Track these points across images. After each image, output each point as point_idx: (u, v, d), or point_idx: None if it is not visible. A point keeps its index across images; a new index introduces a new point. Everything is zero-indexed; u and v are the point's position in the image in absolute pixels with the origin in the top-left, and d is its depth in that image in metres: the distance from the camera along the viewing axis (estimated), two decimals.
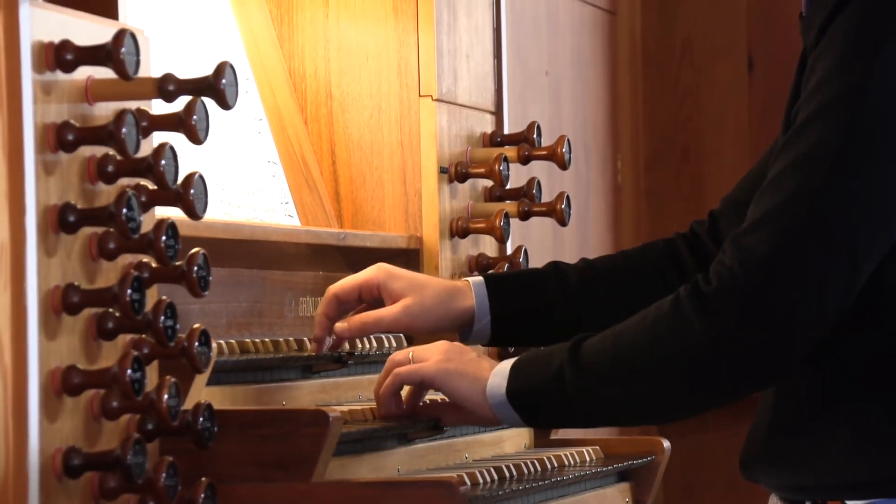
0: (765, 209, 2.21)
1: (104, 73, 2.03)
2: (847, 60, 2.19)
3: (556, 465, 2.55)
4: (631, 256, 2.63)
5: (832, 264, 2.18)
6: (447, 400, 2.41)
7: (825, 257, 2.18)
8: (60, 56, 1.99)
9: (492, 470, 2.33)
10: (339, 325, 2.47)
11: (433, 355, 2.36)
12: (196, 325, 2.08)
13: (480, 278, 2.53)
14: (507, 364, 2.33)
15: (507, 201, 2.98)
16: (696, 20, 3.95)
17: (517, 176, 3.00)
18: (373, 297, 2.49)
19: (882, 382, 2.25)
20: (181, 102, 2.07)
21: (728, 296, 2.19)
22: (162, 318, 2.04)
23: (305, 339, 2.50)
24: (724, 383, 2.24)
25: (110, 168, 2.04)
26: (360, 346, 2.57)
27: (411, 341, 2.70)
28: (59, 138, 1.99)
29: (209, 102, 2.07)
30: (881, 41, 2.18)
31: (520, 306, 2.52)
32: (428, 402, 2.46)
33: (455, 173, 2.91)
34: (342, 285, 2.49)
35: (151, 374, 2.07)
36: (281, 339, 2.45)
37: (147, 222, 2.05)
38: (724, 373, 2.22)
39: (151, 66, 2.10)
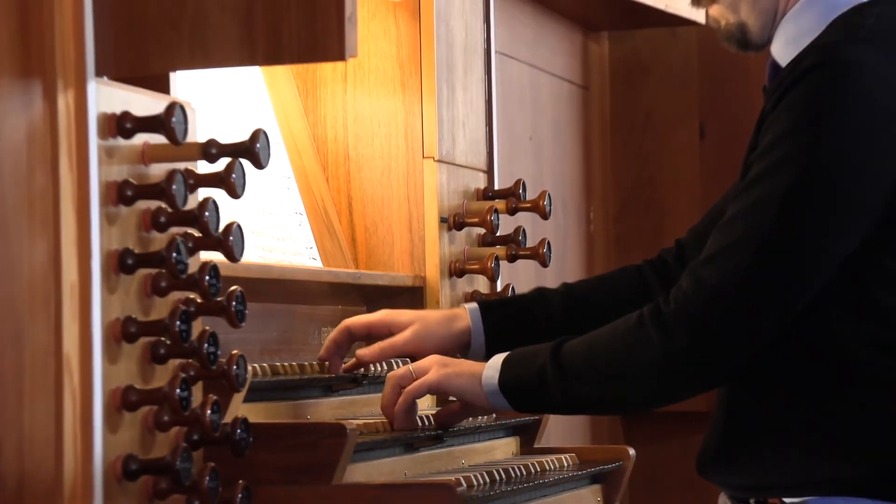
0: (717, 247, 2.22)
1: (157, 138, 2.04)
2: (795, 128, 2.20)
3: (538, 469, 2.54)
4: (605, 281, 2.64)
5: (767, 299, 2.19)
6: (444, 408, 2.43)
7: (762, 293, 2.19)
8: (121, 125, 2.00)
9: (484, 474, 2.33)
10: (361, 352, 2.48)
11: (431, 366, 2.37)
12: (234, 352, 2.08)
13: (475, 304, 2.54)
14: (500, 358, 2.34)
15: (497, 246, 2.98)
16: (656, 95, 3.96)
17: (505, 225, 3.01)
18: (380, 335, 2.49)
19: (814, 404, 2.25)
20: (222, 163, 2.07)
21: (681, 317, 2.20)
22: (206, 345, 2.04)
23: (327, 363, 2.50)
24: (674, 388, 2.26)
25: (162, 219, 2.05)
26: (372, 369, 2.57)
27: None
28: (120, 194, 1.99)
29: (246, 163, 2.08)
30: (824, 115, 2.19)
31: (509, 327, 2.52)
32: (431, 415, 2.47)
33: (453, 223, 2.92)
34: (355, 321, 2.49)
35: (197, 392, 2.07)
36: (306, 363, 2.45)
37: (193, 264, 2.05)
38: (675, 379, 2.24)
39: (197, 133, 2.11)
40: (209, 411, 2.04)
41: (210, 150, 2.06)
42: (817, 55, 2.22)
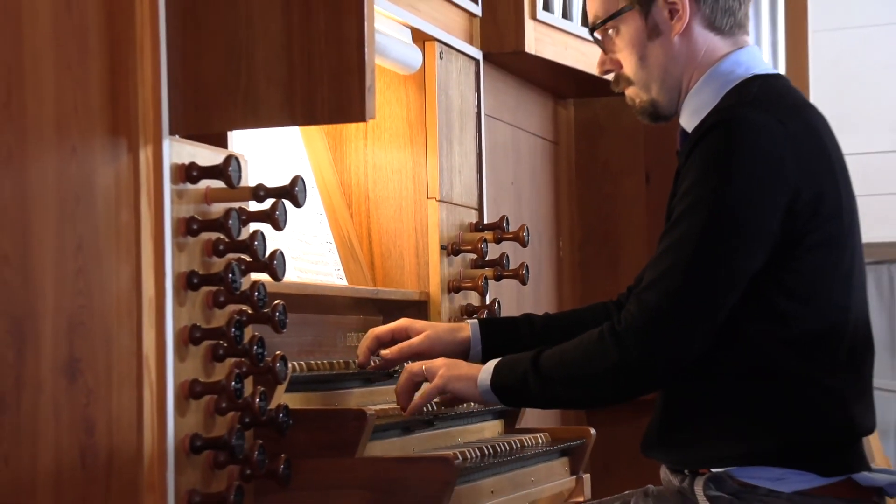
0: (653, 276, 2.22)
1: (217, 183, 2.05)
2: (704, 176, 2.20)
3: (519, 445, 2.53)
4: (577, 311, 2.64)
5: (695, 312, 2.19)
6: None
7: (690, 308, 2.19)
8: (189, 173, 2.01)
9: (476, 449, 2.32)
10: (385, 353, 2.48)
11: (439, 367, 2.37)
12: (277, 352, 2.08)
13: (476, 320, 2.54)
14: (492, 364, 2.33)
15: (486, 268, 2.98)
16: (611, 149, 3.96)
17: (492, 252, 3.01)
18: (402, 338, 2.50)
19: (733, 396, 2.25)
20: (268, 203, 2.08)
21: (630, 332, 2.20)
22: (255, 347, 2.05)
23: (351, 361, 2.49)
24: (628, 388, 2.25)
25: (221, 247, 2.05)
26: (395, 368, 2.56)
27: None
28: (188, 227, 2.00)
29: (287, 203, 2.09)
30: (724, 163, 2.19)
31: (501, 341, 2.52)
32: (435, 402, 2.47)
33: (451, 250, 2.92)
34: (381, 330, 2.49)
35: (248, 385, 2.08)
36: (335, 361, 2.44)
37: (245, 283, 2.06)
38: (629, 382, 2.23)
39: (249, 178, 2.11)
40: (258, 400, 2.04)
41: (259, 193, 2.07)
42: (716, 117, 2.24)
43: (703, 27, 2.34)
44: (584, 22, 3.65)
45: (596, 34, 2.40)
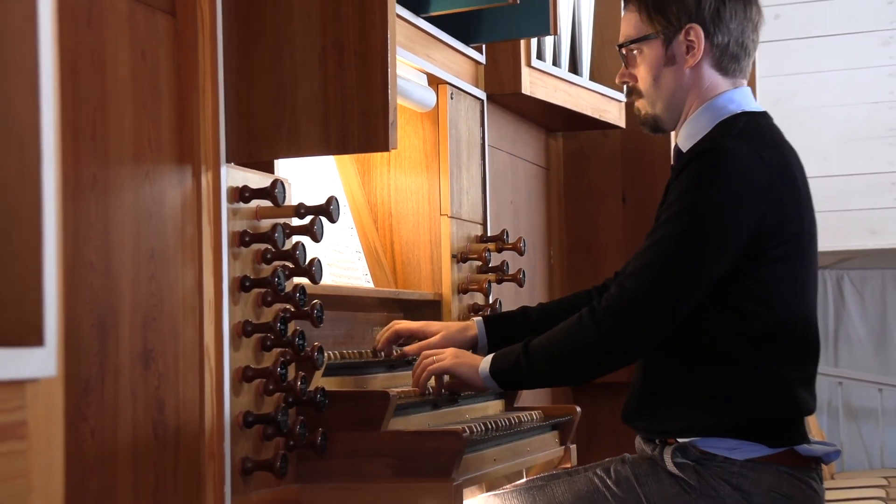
0: (635, 267, 2.22)
1: (265, 203, 2.06)
2: (689, 191, 2.20)
3: (517, 421, 2.53)
4: (567, 300, 2.63)
5: (666, 302, 2.19)
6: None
7: (663, 298, 2.18)
8: (242, 194, 2.01)
9: (481, 424, 2.31)
10: (407, 349, 2.48)
11: (448, 356, 2.37)
12: (315, 343, 2.08)
13: (481, 318, 2.55)
14: (490, 355, 2.34)
15: (489, 273, 2.98)
16: (594, 174, 3.96)
17: (495, 259, 3.01)
18: (418, 337, 2.50)
19: (698, 378, 2.24)
20: (308, 219, 2.09)
21: (609, 312, 2.19)
22: (296, 339, 2.06)
23: (381, 352, 2.49)
24: (605, 362, 2.22)
25: (268, 256, 2.06)
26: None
27: None
28: (241, 239, 2.01)
29: (323, 219, 2.09)
30: (707, 182, 2.19)
31: (503, 334, 2.52)
32: (446, 383, 2.47)
33: (460, 258, 2.92)
34: (402, 326, 2.49)
35: (291, 370, 2.08)
36: (363, 351, 2.44)
37: (288, 286, 2.07)
38: (605, 356, 2.21)
39: (292, 198, 2.12)
40: (299, 383, 2.05)
41: (300, 210, 2.08)
42: (706, 145, 2.24)
43: (710, 66, 2.34)
44: (573, 69, 3.66)
45: (623, 50, 2.40)
